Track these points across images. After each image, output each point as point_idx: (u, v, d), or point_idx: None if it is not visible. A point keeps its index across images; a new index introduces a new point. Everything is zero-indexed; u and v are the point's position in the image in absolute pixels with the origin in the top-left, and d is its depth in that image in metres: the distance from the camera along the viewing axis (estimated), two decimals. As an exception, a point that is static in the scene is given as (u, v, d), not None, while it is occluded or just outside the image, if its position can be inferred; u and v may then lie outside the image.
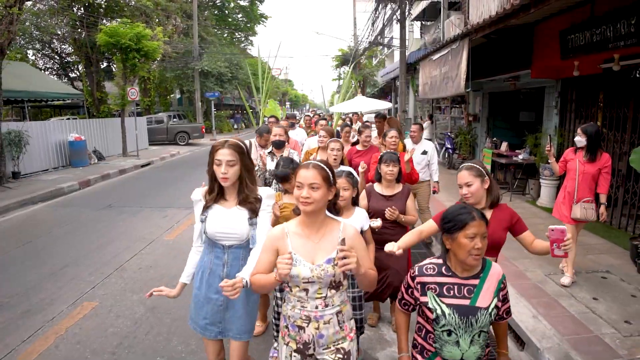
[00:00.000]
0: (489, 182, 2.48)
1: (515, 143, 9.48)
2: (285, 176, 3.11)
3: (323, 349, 1.91)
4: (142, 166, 13.95)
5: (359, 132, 5.22)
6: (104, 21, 22.29)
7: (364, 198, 3.40)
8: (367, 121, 10.77)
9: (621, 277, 4.35)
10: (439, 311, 1.82)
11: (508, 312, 2.00)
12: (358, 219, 2.85)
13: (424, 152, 5.69)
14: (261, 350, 3.36)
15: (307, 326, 1.89)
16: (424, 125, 14.01)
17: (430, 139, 13.54)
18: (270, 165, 4.38)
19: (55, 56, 27.01)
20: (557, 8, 6.01)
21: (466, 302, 1.82)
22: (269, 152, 4.70)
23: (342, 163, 4.15)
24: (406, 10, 12.50)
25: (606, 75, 5.91)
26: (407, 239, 2.59)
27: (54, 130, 12.71)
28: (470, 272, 1.86)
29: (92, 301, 4.27)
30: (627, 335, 3.28)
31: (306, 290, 1.86)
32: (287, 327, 1.96)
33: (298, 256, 1.85)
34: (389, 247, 2.45)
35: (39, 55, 27.21)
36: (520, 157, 8.10)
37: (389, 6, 13.78)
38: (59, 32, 23.35)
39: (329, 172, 1.90)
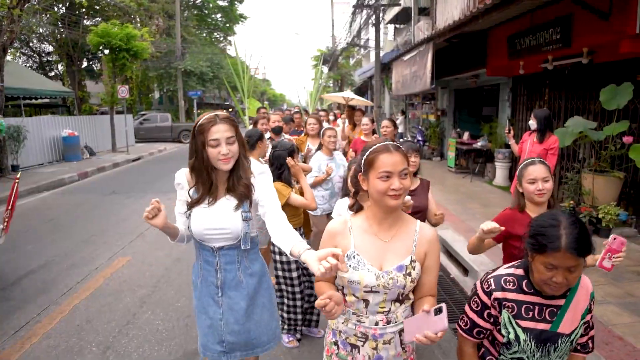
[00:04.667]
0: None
1: (479, 134, 10.75)
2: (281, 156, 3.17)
3: None
4: (133, 160, 14.70)
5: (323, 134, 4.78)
6: (85, 20, 22.78)
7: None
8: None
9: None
10: (512, 335, 1.50)
11: (585, 345, 1.60)
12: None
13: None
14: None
15: (363, 345, 1.58)
16: (398, 121, 15.29)
17: (402, 133, 14.78)
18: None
19: (34, 55, 27.18)
20: (504, 17, 7.23)
21: (546, 326, 1.49)
22: (268, 138, 5.57)
23: (344, 154, 4.91)
24: (380, 15, 13.68)
25: (547, 73, 7.14)
26: (471, 242, 2.32)
27: (48, 126, 13.31)
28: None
29: (125, 256, 5.20)
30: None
31: (366, 301, 1.54)
32: (335, 343, 1.66)
33: (362, 257, 1.53)
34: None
35: (17, 54, 27.34)
36: (479, 144, 9.35)
37: (365, 11, 14.95)
38: (40, 31, 23.61)
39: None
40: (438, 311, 1.36)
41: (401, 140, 3.13)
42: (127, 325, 3.61)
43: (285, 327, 3.26)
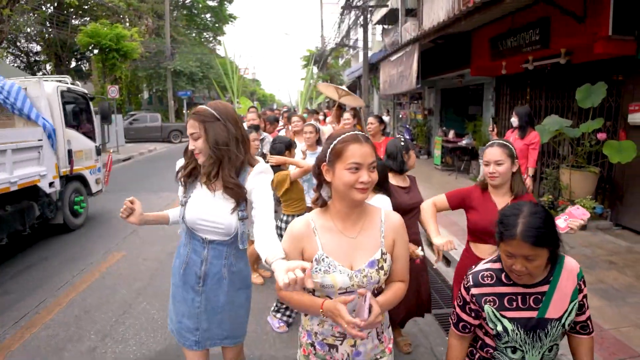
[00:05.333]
0: (518, 166, 2.24)
1: (464, 132, 11.03)
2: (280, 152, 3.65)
3: None
4: (124, 160, 14.74)
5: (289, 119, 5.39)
6: (74, 20, 22.68)
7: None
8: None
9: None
10: (499, 327, 1.52)
11: (585, 326, 1.58)
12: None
13: None
14: None
15: (341, 344, 1.53)
16: (385, 119, 15.55)
17: (389, 132, 15.03)
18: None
19: (22, 55, 26.95)
20: (486, 19, 7.48)
21: (533, 314, 1.50)
22: None
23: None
24: (368, 16, 13.91)
25: (528, 73, 7.39)
26: (430, 220, 2.40)
27: (38, 126, 13.28)
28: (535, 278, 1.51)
29: (120, 252, 5.34)
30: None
31: None
32: (312, 344, 1.59)
33: (331, 260, 1.45)
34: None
35: (5, 54, 27.08)
36: (464, 142, 9.61)
37: (353, 12, 15.18)
38: (28, 30, 23.43)
39: None
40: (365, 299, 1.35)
41: (401, 138, 3.07)
42: (124, 315, 3.75)
43: (279, 309, 3.43)
